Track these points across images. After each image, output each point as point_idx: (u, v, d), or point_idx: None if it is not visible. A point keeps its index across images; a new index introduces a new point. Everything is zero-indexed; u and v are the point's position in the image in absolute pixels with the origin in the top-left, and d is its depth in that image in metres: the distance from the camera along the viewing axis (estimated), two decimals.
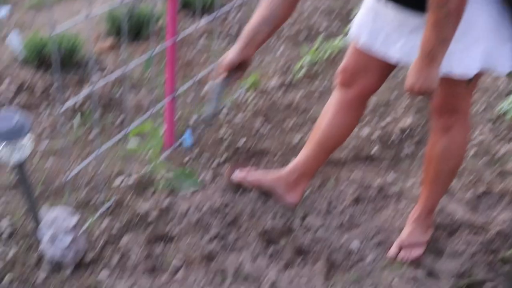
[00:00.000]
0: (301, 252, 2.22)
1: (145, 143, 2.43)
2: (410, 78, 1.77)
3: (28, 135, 1.83)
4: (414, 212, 2.27)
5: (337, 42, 3.97)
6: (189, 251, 2.17)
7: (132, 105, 3.15)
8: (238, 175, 2.47)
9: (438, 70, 1.74)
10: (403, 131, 3.05)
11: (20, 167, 1.90)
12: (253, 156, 2.82)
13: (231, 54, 1.95)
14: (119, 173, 2.57)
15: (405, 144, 2.97)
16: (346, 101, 2.21)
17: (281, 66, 3.88)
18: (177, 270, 2.09)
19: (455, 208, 2.49)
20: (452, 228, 2.38)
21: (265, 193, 2.46)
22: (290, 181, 2.41)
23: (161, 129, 2.35)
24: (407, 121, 3.11)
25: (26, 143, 1.85)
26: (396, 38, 1.92)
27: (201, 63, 3.74)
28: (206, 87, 3.39)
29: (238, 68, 1.99)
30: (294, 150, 2.88)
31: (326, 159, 2.41)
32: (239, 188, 2.50)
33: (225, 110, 3.20)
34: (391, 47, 1.95)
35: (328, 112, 2.28)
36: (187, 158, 2.72)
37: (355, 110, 2.23)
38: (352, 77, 2.15)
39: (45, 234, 2.01)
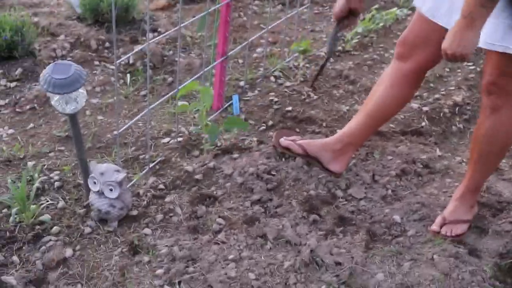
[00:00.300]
0: (342, 221, 2.20)
1: (194, 104, 2.43)
2: (446, 40, 1.71)
3: (83, 87, 1.85)
4: (459, 190, 2.21)
5: (392, 13, 3.87)
6: (231, 214, 2.17)
7: (183, 66, 3.14)
8: (284, 141, 2.45)
9: (475, 35, 1.66)
10: (453, 107, 2.96)
11: (73, 118, 1.92)
12: (299, 123, 2.79)
13: (338, 4, 2.05)
14: (166, 132, 2.57)
15: (455, 120, 2.89)
16: (402, 74, 2.15)
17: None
18: (218, 231, 2.09)
19: (503, 187, 2.42)
20: (498, 208, 2.31)
21: (310, 161, 2.43)
22: (336, 150, 2.37)
23: (210, 91, 2.33)
24: (459, 97, 3.02)
25: (81, 95, 1.86)
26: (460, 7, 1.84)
27: (252, 28, 3.70)
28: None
29: (348, 17, 2.07)
30: (341, 119, 2.83)
31: (374, 131, 2.37)
32: (284, 154, 2.47)
33: (274, 76, 3.17)
34: (454, 16, 1.87)
35: (382, 84, 2.22)
36: None
37: (411, 84, 2.16)
38: (411, 49, 2.08)
39: (93, 188, 2.04)
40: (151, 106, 2.24)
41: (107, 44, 3.29)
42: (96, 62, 3.13)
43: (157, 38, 2.24)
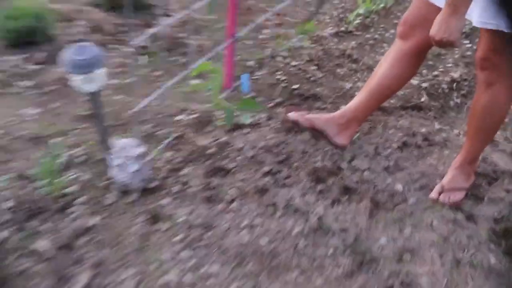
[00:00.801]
0: (347, 191, 2.24)
1: (206, 83, 2.46)
2: (433, 27, 1.74)
3: (103, 67, 1.88)
4: (457, 160, 2.25)
5: None
6: (243, 184, 2.21)
7: (195, 47, 3.17)
8: (292, 116, 2.49)
9: (459, 21, 1.69)
10: (451, 83, 2.99)
11: (95, 97, 1.95)
12: (306, 100, 2.82)
13: None
14: (181, 110, 2.62)
15: (453, 95, 2.91)
16: (404, 53, 2.18)
17: (337, 15, 3.83)
18: (232, 201, 2.13)
19: (498, 158, 2.46)
20: (493, 177, 2.35)
21: (316, 135, 2.47)
22: (341, 123, 2.41)
23: (221, 71, 2.36)
24: (456, 73, 3.04)
25: (101, 75, 1.89)
26: None
27: (260, 10, 3.73)
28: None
29: None
30: (345, 96, 2.87)
31: (377, 107, 2.39)
32: (292, 128, 2.51)
33: (281, 56, 3.19)
34: None
35: (385, 62, 2.25)
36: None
37: (412, 62, 2.19)
38: (411, 29, 2.11)
39: (115, 162, 2.08)
40: (166, 84, 2.28)
41: (122, 29, 3.32)
42: (112, 46, 3.16)
43: (169, 20, 2.27)
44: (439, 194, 2.21)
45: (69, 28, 3.21)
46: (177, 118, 2.56)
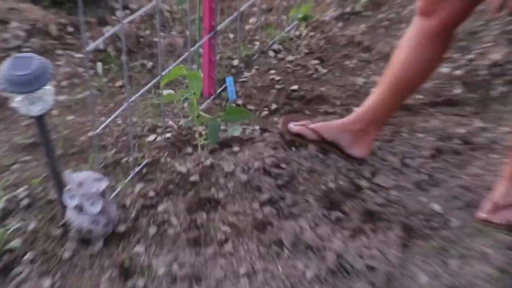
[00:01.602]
0: (371, 217, 2.20)
1: (181, 92, 2.43)
2: None
3: (50, 83, 1.84)
4: (509, 167, 2.21)
5: None
6: (238, 219, 2.16)
7: (164, 47, 3.14)
8: (293, 127, 2.45)
9: None
10: (492, 67, 2.97)
11: (41, 121, 1.91)
12: (309, 103, 2.78)
13: None
14: (152, 128, 2.57)
15: (496, 83, 2.89)
16: (427, 33, 2.13)
17: None
18: (225, 242, 2.09)
19: None
20: None
21: (326, 147, 2.43)
22: (355, 131, 2.38)
23: (199, 76, 2.34)
24: (497, 55, 3.03)
25: (48, 93, 1.85)
26: None
27: None
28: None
29: None
30: (358, 94, 2.84)
31: (399, 105, 2.38)
32: (293, 142, 2.47)
33: (273, 50, 3.18)
34: None
35: (404, 47, 2.21)
36: None
37: (438, 44, 2.14)
38: (434, 2, 2.07)
39: (70, 203, 2.03)
40: (132, 98, 2.23)
41: (69, 29, 3.28)
42: (59, 51, 3.12)
43: (132, 16, 2.22)
44: (491, 213, 2.16)
45: (1, 32, 3.15)
46: (148, 139, 2.52)
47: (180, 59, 2.48)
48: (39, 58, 1.83)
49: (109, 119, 2.18)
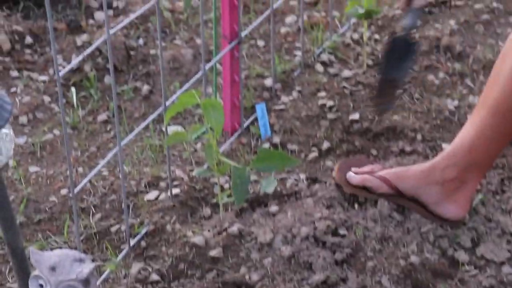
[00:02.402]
0: None
1: (194, 129, 2.47)
2: None
3: (8, 125, 1.88)
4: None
5: None
6: None
7: (165, 62, 3.21)
8: (354, 176, 2.49)
9: None
10: None
11: None
12: (375, 140, 2.83)
13: None
14: (153, 182, 2.63)
15: None
16: None
17: None
18: None
19: None
20: None
21: (404, 204, 2.46)
22: (446, 181, 2.40)
23: (219, 105, 2.37)
24: None
25: (5, 139, 1.89)
26: None
27: None
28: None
29: None
30: (448, 125, 2.88)
31: (509, 138, 2.40)
32: (355, 197, 2.52)
33: (321, 62, 3.21)
34: None
35: (507, 57, 2.26)
36: None
37: None
38: None
39: None
40: (123, 141, 2.30)
41: (28, 40, 3.37)
42: (14, 73, 3.22)
43: (122, 23, 2.28)
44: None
45: None
46: (148, 197, 2.58)
47: (191, 81, 2.54)
48: None
49: (93, 172, 2.24)
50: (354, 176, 2.48)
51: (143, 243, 2.41)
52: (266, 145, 2.77)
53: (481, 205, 2.52)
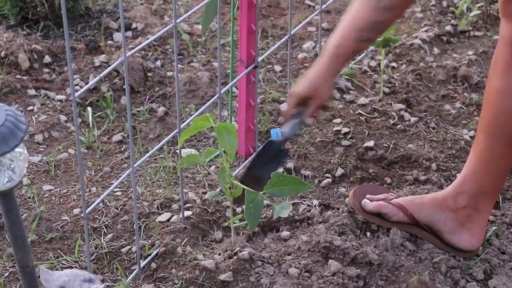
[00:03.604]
0: None
1: (208, 152, 2.48)
2: None
3: (23, 144, 1.88)
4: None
5: None
6: None
7: (182, 85, 3.24)
8: (368, 203, 2.50)
9: None
10: None
11: (8, 197, 1.95)
12: (390, 168, 2.85)
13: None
14: (165, 204, 2.65)
15: None
16: None
17: (436, 3, 3.89)
18: None
19: None
20: None
21: (417, 233, 2.47)
22: (460, 208, 2.42)
23: (234, 128, 2.38)
24: None
25: (19, 157, 1.90)
26: None
27: (294, 7, 3.78)
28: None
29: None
30: (463, 154, 2.89)
31: (510, 161, 2.38)
32: (368, 225, 2.53)
33: (338, 88, 3.22)
34: None
35: (497, 73, 2.28)
36: None
37: None
38: None
39: None
40: (137, 163, 2.32)
41: (46, 59, 3.40)
42: (32, 92, 3.25)
43: (140, 45, 2.30)
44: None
45: None
46: (159, 218, 2.59)
47: (207, 104, 2.55)
48: (7, 108, 1.87)
49: (106, 191, 2.26)
50: (368, 203, 2.50)
51: (153, 265, 2.42)
52: (280, 170, 2.77)
53: (495, 236, 2.53)
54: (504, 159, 2.36)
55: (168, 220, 2.59)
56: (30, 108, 3.16)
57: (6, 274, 2.40)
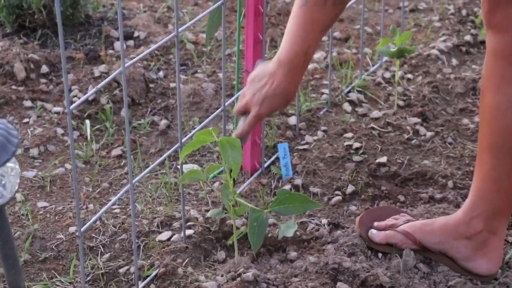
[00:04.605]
0: None
1: (210, 168, 2.48)
2: None
3: (14, 159, 1.88)
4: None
5: None
6: None
7: (185, 97, 3.24)
8: (376, 235, 2.49)
9: None
10: None
11: None
12: (404, 185, 2.84)
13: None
14: (166, 222, 2.64)
15: None
16: (509, 57, 2.20)
17: (455, 11, 3.89)
18: None
19: None
20: None
21: (431, 257, 2.46)
22: (473, 234, 2.40)
23: (238, 144, 2.37)
24: None
25: (10, 173, 1.90)
26: None
27: None
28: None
29: None
30: None
31: None
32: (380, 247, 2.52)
33: (350, 101, 3.22)
34: None
35: (488, 86, 2.28)
36: None
37: None
38: (508, 6, 2.15)
39: None
40: (136, 179, 2.31)
41: (44, 69, 3.40)
42: (27, 103, 3.25)
43: (140, 56, 2.30)
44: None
45: None
46: (160, 237, 2.58)
47: (210, 117, 2.55)
48: None
49: (103, 209, 2.25)
50: (376, 234, 2.50)
51: (152, 286, 2.41)
52: (287, 187, 2.77)
53: None
54: None
55: (169, 239, 2.58)
56: (25, 120, 3.16)
57: None
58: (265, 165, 2.89)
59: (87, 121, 3.12)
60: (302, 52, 2.24)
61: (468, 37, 3.69)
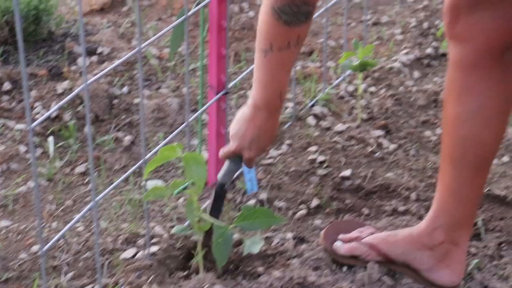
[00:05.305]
0: None
1: (175, 184, 2.47)
2: None
3: None
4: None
5: None
6: None
7: (149, 112, 3.24)
8: (340, 247, 2.49)
9: None
10: None
11: None
12: (368, 198, 2.85)
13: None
14: (130, 239, 2.63)
15: None
16: (469, 66, 2.23)
17: (416, 24, 3.91)
18: None
19: None
20: None
21: (395, 269, 2.46)
22: (435, 245, 2.41)
23: (202, 159, 2.38)
24: None
25: None
26: None
27: None
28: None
29: None
30: None
31: (480, 190, 2.40)
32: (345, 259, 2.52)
33: (314, 115, 3.23)
34: None
35: (451, 96, 2.30)
36: None
37: (495, 78, 2.23)
38: (467, 16, 2.17)
39: None
40: (99, 196, 2.30)
41: (6, 86, 3.39)
42: None
43: (102, 72, 2.29)
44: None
45: None
46: (124, 255, 2.57)
47: (174, 133, 2.55)
48: None
49: (66, 227, 2.24)
50: (341, 246, 2.49)
51: None
52: (252, 202, 2.77)
53: (477, 270, 2.51)
54: (473, 187, 2.37)
55: (133, 256, 2.57)
56: None
57: None
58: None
59: (50, 138, 3.10)
60: (276, 96, 2.35)
61: (429, 50, 3.71)
